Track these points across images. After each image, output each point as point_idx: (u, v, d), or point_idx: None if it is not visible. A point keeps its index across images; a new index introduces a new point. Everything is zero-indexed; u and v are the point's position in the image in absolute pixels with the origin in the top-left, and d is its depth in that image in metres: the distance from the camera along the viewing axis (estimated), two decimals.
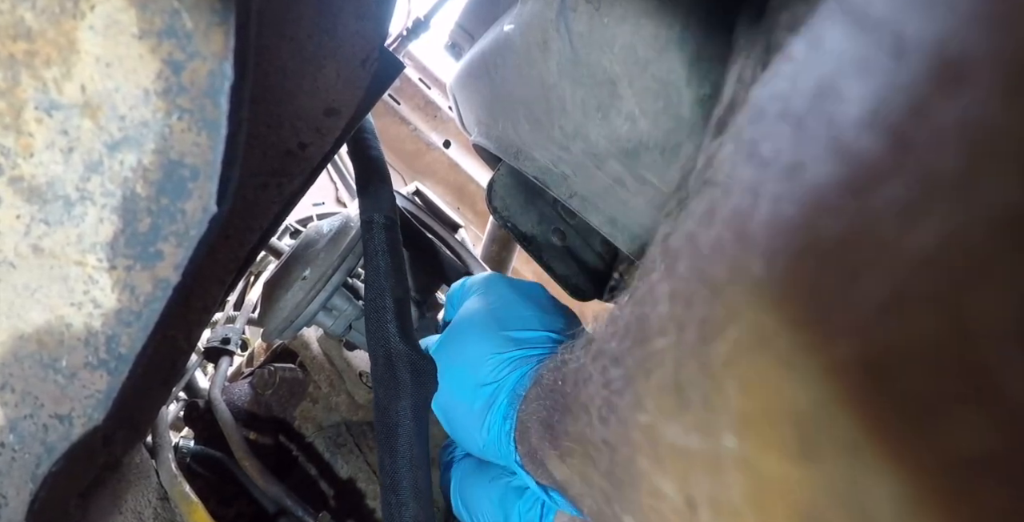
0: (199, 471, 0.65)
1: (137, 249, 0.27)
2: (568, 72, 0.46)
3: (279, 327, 0.61)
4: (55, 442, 0.31)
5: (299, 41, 0.55)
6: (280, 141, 0.57)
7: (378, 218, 0.55)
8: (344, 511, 0.68)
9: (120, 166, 0.26)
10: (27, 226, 0.27)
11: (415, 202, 0.89)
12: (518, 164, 0.65)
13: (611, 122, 0.41)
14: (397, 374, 0.48)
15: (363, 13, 0.56)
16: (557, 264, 0.79)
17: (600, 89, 0.42)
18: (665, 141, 0.36)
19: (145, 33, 0.24)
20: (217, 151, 0.25)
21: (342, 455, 0.71)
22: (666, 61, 0.34)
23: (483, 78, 0.67)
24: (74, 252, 0.27)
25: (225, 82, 0.25)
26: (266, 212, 0.58)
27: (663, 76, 0.35)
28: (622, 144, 0.41)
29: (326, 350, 0.75)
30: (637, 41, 0.36)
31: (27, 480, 0.31)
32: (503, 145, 0.68)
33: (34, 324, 0.29)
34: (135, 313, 0.28)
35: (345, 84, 0.58)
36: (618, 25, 0.37)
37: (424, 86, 2.17)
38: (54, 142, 0.26)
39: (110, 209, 0.27)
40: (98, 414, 0.30)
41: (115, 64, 0.25)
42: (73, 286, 0.28)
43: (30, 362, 0.29)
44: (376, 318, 0.50)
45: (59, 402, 0.30)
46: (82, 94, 0.25)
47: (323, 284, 0.61)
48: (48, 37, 0.24)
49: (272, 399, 0.72)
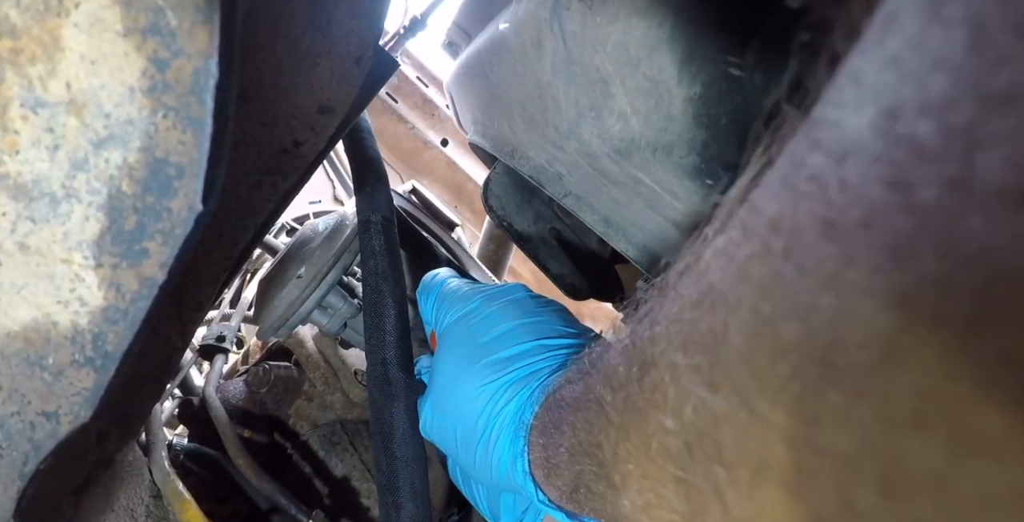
0: (193, 469, 0.65)
1: (123, 247, 0.27)
2: (562, 71, 0.46)
3: (274, 325, 0.61)
4: (42, 440, 0.31)
5: (293, 39, 0.55)
6: (274, 139, 0.57)
7: (375, 218, 0.55)
8: (338, 509, 0.68)
9: (106, 164, 0.26)
10: (13, 224, 0.27)
11: (411, 201, 0.89)
12: (514, 163, 0.65)
13: (604, 121, 0.41)
14: (392, 375, 0.48)
15: (357, 11, 0.56)
16: (553, 263, 0.79)
17: (593, 88, 0.41)
18: (656, 140, 0.36)
19: (129, 31, 0.24)
20: (202, 149, 0.25)
21: (337, 453, 0.71)
22: (657, 60, 0.34)
23: (479, 77, 0.67)
24: (60, 250, 0.27)
25: (210, 80, 0.25)
26: (261, 210, 0.58)
27: (654, 75, 0.35)
28: (614, 143, 0.41)
29: (321, 348, 0.75)
30: (629, 40, 0.36)
31: (14, 478, 0.31)
32: (499, 144, 0.68)
33: (20, 322, 0.28)
34: (121, 311, 0.28)
35: (339, 82, 0.58)
36: (610, 24, 0.37)
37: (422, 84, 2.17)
38: (39, 140, 0.26)
39: (96, 207, 0.27)
40: (85, 412, 0.30)
41: (100, 62, 0.24)
42: (59, 284, 0.28)
43: (16, 359, 0.29)
44: (374, 319, 0.50)
45: (46, 400, 0.30)
46: (67, 92, 0.25)
47: (318, 282, 0.61)
48: (33, 34, 0.24)
49: (267, 397, 0.72)
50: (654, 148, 0.36)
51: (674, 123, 0.34)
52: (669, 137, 0.35)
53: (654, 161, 0.37)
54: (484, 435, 0.39)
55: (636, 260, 0.55)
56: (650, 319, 0.22)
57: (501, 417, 0.39)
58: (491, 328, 0.44)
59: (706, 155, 0.33)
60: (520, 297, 0.47)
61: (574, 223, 0.81)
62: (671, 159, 0.35)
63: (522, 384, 0.39)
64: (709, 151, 0.33)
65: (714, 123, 0.32)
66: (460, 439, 0.42)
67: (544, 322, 0.44)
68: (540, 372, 0.39)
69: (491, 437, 0.39)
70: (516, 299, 0.47)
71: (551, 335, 0.42)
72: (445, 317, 0.48)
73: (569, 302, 0.68)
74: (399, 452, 0.45)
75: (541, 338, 0.42)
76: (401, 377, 0.48)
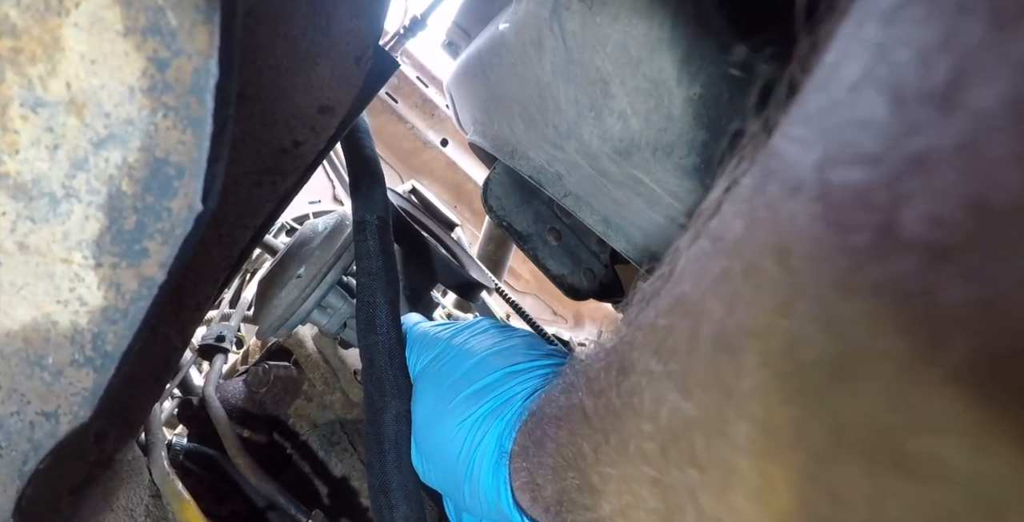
0: (192, 469, 0.65)
1: (123, 247, 0.27)
2: (562, 71, 0.46)
3: (273, 325, 0.61)
4: (42, 439, 0.31)
5: (293, 38, 0.55)
6: (274, 139, 0.57)
7: (370, 219, 0.55)
8: (338, 509, 0.68)
9: (106, 164, 0.26)
10: (13, 223, 0.27)
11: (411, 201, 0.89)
12: (513, 163, 0.65)
13: (603, 121, 0.41)
14: (385, 377, 0.48)
15: (357, 11, 0.56)
16: (552, 263, 0.79)
17: (593, 88, 0.41)
18: (656, 140, 0.36)
19: (129, 30, 0.24)
20: (203, 149, 0.25)
21: (336, 453, 0.71)
22: (657, 60, 0.34)
23: (479, 77, 0.67)
24: (60, 249, 0.27)
25: (210, 80, 0.25)
26: (260, 210, 0.58)
27: (654, 75, 0.35)
28: (614, 143, 0.41)
29: (321, 348, 0.75)
30: (629, 40, 0.36)
31: (14, 477, 0.31)
32: (499, 144, 0.68)
33: (20, 321, 0.28)
34: (121, 311, 0.28)
35: (339, 82, 0.58)
36: (610, 24, 0.37)
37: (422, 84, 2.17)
38: (39, 139, 0.26)
39: (96, 207, 0.27)
40: (84, 412, 0.30)
41: (100, 61, 0.24)
42: (59, 283, 0.28)
43: (16, 359, 0.29)
44: (366, 321, 0.50)
45: (45, 399, 0.30)
46: (67, 91, 0.25)
47: (318, 282, 0.61)
48: (33, 34, 0.24)
49: (266, 397, 0.72)
50: (654, 148, 0.36)
51: (674, 123, 0.34)
52: (669, 137, 0.35)
53: (654, 161, 0.37)
54: (468, 471, 0.39)
55: (636, 260, 0.55)
56: (631, 324, 0.23)
57: (480, 450, 0.39)
58: (460, 364, 0.44)
59: (706, 155, 0.33)
60: (484, 329, 0.47)
61: (573, 223, 0.81)
62: (671, 159, 0.35)
63: (497, 413, 0.39)
64: (709, 151, 0.33)
65: (714, 123, 0.32)
66: (448, 479, 0.42)
67: (510, 349, 0.43)
68: (514, 399, 0.39)
69: (474, 472, 0.39)
70: (481, 331, 0.47)
71: (520, 361, 0.42)
72: (417, 363, 0.48)
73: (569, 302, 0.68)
74: (391, 453, 0.45)
75: (510, 365, 0.41)
76: (394, 379, 0.48)
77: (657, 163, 0.37)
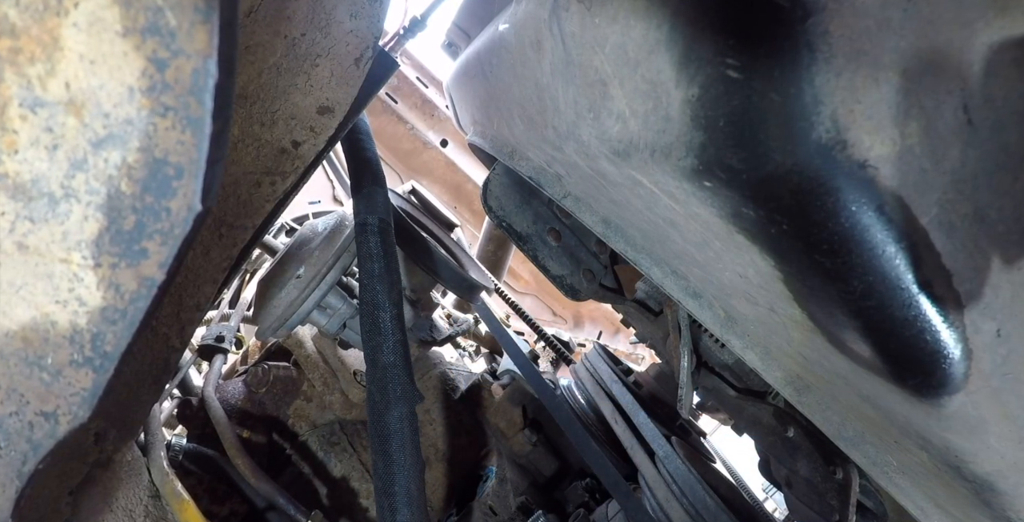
0: (191, 469, 0.65)
1: (122, 247, 0.27)
2: (561, 72, 0.46)
3: (273, 325, 0.61)
4: (41, 439, 0.31)
5: (293, 39, 0.55)
6: (274, 139, 0.57)
7: (372, 221, 0.55)
8: (337, 510, 0.68)
9: (105, 164, 0.26)
10: (12, 223, 0.27)
11: (411, 201, 0.89)
12: (513, 164, 0.65)
13: (602, 122, 0.41)
14: (391, 379, 0.48)
15: (357, 11, 0.56)
16: (552, 264, 0.79)
17: (591, 89, 0.41)
18: (655, 142, 0.36)
19: (129, 31, 0.24)
20: (202, 149, 0.25)
21: (335, 454, 0.71)
22: (655, 62, 0.34)
23: (478, 77, 0.67)
24: (59, 250, 0.27)
25: (210, 80, 0.25)
26: (260, 210, 0.58)
27: (652, 77, 0.35)
28: (613, 144, 0.41)
29: (320, 348, 0.75)
30: (627, 41, 0.36)
31: (13, 477, 0.31)
32: (498, 145, 0.68)
33: (19, 321, 0.28)
34: (120, 311, 0.28)
35: (339, 82, 0.58)
36: (609, 25, 0.37)
37: (421, 85, 2.17)
38: (39, 139, 0.26)
39: (95, 207, 0.27)
40: (84, 412, 0.30)
41: (99, 61, 0.24)
42: (58, 283, 0.28)
43: (15, 359, 0.29)
44: (371, 323, 0.50)
45: (44, 400, 0.30)
46: (66, 91, 0.25)
47: (317, 283, 0.61)
48: (32, 34, 0.24)
49: (266, 397, 0.72)
50: (652, 150, 0.36)
51: (672, 125, 0.34)
52: (667, 139, 0.35)
53: (652, 163, 0.37)
54: None
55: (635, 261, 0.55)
56: None
57: None
58: None
59: (704, 157, 0.33)
60: None
61: (573, 224, 0.81)
62: (669, 161, 0.35)
63: None
64: (707, 153, 0.33)
65: (712, 125, 0.32)
66: None
67: None
68: None
69: None
70: None
71: None
72: None
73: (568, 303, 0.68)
74: (396, 456, 0.46)
75: None
76: (400, 381, 0.48)
77: (655, 164, 0.37)
